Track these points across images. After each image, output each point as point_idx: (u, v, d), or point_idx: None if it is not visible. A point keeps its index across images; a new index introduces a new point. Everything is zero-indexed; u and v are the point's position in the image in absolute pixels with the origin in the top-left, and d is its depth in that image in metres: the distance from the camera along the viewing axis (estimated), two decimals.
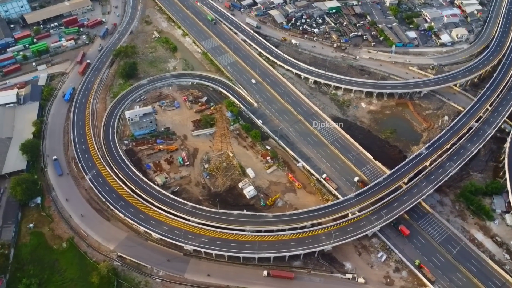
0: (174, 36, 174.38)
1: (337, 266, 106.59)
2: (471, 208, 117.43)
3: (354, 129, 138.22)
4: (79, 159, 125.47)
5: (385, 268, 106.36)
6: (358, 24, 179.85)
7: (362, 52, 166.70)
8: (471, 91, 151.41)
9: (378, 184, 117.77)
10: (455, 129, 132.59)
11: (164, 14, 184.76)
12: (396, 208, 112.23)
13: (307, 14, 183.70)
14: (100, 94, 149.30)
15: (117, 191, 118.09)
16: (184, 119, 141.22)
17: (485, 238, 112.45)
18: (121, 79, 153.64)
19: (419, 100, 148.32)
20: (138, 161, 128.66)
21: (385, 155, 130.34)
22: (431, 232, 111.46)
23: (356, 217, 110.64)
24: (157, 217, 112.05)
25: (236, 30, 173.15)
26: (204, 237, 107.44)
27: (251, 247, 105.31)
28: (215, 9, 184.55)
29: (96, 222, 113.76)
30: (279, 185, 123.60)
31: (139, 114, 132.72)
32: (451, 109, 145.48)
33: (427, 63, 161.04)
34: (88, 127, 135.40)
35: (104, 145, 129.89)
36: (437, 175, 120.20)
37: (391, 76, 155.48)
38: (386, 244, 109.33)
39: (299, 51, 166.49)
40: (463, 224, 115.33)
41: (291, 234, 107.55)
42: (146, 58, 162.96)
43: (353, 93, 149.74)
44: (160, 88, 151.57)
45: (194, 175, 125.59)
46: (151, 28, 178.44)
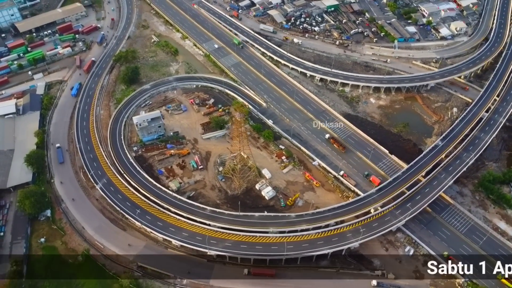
0: (173, 39, 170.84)
1: (365, 263, 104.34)
2: (491, 198, 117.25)
3: (366, 125, 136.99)
4: (88, 168, 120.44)
5: (413, 262, 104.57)
6: (357, 21, 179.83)
7: (365, 48, 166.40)
8: (476, 82, 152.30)
9: (397, 178, 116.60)
10: (466, 120, 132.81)
11: (161, 17, 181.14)
12: (419, 201, 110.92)
13: (306, 13, 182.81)
14: (103, 101, 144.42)
15: (131, 199, 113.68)
16: (192, 123, 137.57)
17: (508, 226, 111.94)
18: (123, 84, 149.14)
19: (426, 93, 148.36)
20: (150, 167, 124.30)
21: (400, 149, 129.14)
22: (454, 224, 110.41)
23: (380, 212, 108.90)
24: (176, 223, 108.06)
25: (236, 32, 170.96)
26: (227, 241, 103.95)
27: (277, 248, 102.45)
28: (213, 11, 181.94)
29: (111, 232, 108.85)
30: (297, 184, 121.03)
31: (147, 119, 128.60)
32: (459, 100, 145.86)
33: (430, 57, 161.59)
34: (94, 135, 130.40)
35: (113, 152, 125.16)
36: (455, 166, 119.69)
37: (396, 71, 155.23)
38: (411, 238, 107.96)
39: (303, 50, 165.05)
40: (485, 214, 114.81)
41: (316, 233, 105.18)
42: (147, 63, 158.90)
43: (360, 89, 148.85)
44: (164, 92, 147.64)
45: (208, 179, 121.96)
46: (149, 32, 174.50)
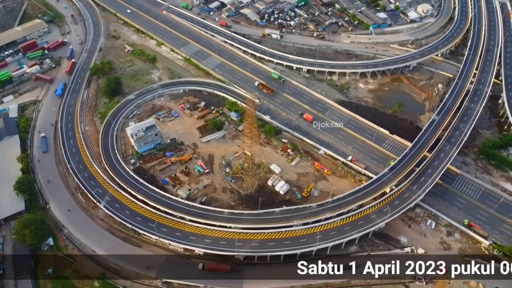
0: (148, 47, 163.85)
1: (393, 242, 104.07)
2: (493, 163, 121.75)
3: (361, 109, 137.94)
4: (86, 188, 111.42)
5: (438, 235, 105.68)
6: (329, 12, 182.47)
7: (342, 37, 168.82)
8: (452, 58, 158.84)
9: (406, 156, 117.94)
10: (455, 93, 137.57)
11: (131, 26, 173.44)
12: (431, 174, 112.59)
13: (278, 9, 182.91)
14: (86, 117, 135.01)
15: (141, 213, 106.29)
16: (188, 127, 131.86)
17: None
18: (105, 97, 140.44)
19: (410, 74, 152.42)
20: (152, 178, 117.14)
21: (398, 128, 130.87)
22: (467, 192, 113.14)
23: (399, 189, 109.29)
24: (195, 231, 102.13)
25: (212, 33, 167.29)
26: (253, 241, 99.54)
27: (305, 240, 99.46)
28: (183, 16, 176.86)
29: (126, 251, 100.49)
30: (308, 175, 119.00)
31: (142, 128, 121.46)
32: (441, 77, 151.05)
33: (405, 39, 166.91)
34: (85, 153, 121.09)
35: (110, 168, 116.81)
36: (456, 137, 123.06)
37: (377, 55, 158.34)
38: (431, 211, 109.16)
39: (283, 45, 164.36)
40: (491, 178, 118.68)
41: (341, 220, 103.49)
42: (126, 73, 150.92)
43: (348, 76, 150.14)
44: (151, 101, 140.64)
45: (217, 182, 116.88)
46: (121, 42, 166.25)
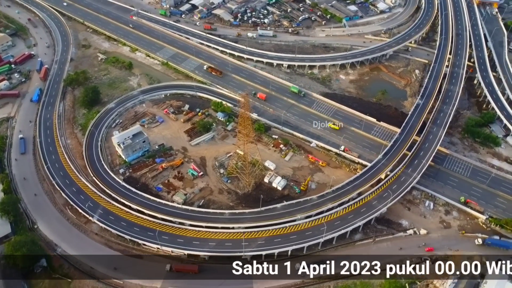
0: (122, 54, 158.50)
1: (395, 226, 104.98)
2: (478, 141, 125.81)
3: (346, 100, 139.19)
4: (75, 203, 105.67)
5: (437, 214, 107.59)
6: (301, 8, 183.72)
7: (317, 31, 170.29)
8: (424, 45, 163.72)
9: (397, 141, 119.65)
10: (433, 77, 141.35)
11: (101, 34, 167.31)
12: (424, 156, 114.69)
13: (251, 8, 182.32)
14: (66, 130, 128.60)
15: (138, 223, 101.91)
16: (175, 132, 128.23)
17: (500, 162, 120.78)
18: (83, 108, 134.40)
19: (387, 62, 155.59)
20: (145, 186, 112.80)
21: (385, 115, 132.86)
22: (458, 170, 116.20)
23: (395, 173, 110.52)
24: (198, 236, 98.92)
25: (187, 35, 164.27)
26: (259, 239, 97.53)
27: (311, 233, 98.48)
28: (155, 20, 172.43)
29: (127, 264, 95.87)
30: (303, 169, 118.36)
31: (129, 136, 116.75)
32: (417, 63, 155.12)
33: (377, 30, 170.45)
34: (69, 167, 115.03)
35: (99, 180, 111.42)
36: (441, 118, 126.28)
37: (354, 47, 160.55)
38: (427, 192, 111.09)
39: (260, 42, 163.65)
40: (478, 156, 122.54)
41: (343, 209, 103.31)
42: (102, 82, 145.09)
43: (328, 69, 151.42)
44: (132, 108, 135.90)
45: (213, 184, 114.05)
46: (92, 51, 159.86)
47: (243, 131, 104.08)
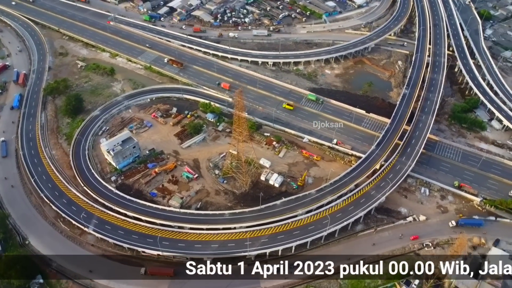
0: (102, 60, 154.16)
1: (395, 214, 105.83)
2: (464, 126, 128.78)
3: (334, 94, 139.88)
4: (68, 215, 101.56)
5: (433, 200, 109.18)
6: (280, 6, 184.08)
7: (298, 28, 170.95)
8: (404, 36, 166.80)
9: (388, 131, 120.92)
10: (417, 67, 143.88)
11: (78, 41, 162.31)
12: (416, 145, 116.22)
13: (230, 8, 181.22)
14: (50, 140, 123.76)
15: (136, 231, 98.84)
16: (164, 135, 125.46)
17: (488, 145, 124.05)
18: (67, 117, 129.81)
19: (370, 55, 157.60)
20: (139, 193, 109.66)
21: (373, 107, 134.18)
22: (448, 156, 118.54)
23: (390, 162, 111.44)
24: (199, 239, 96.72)
25: (168, 38, 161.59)
26: (262, 238, 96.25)
27: (314, 227, 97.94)
28: (134, 24, 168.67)
29: (127, 273, 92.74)
30: (298, 164, 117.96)
31: (118, 142, 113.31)
32: (399, 54, 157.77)
33: (357, 24, 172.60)
34: (58, 178, 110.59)
35: (91, 190, 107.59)
36: (428, 106, 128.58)
37: (335, 42, 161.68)
38: (422, 179, 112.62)
39: (242, 41, 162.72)
40: (466, 140, 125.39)
41: (343, 201, 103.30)
42: (84, 89, 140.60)
43: (313, 64, 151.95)
44: (118, 114, 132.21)
45: (209, 185, 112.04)
46: (70, 59, 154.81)
47: (238, 129, 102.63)
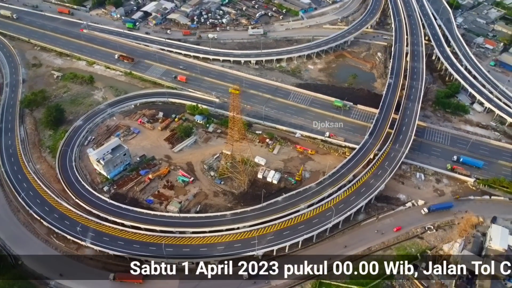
0: (78, 68, 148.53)
1: (394, 201, 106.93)
2: (448, 111, 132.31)
3: (320, 88, 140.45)
4: (62, 230, 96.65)
5: (429, 184, 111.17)
6: (256, 5, 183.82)
7: (276, 26, 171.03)
8: (380, 28, 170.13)
9: (378, 120, 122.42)
10: (397, 57, 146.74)
11: (51, 51, 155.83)
12: (407, 132, 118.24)
13: (205, 9, 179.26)
14: (33, 155, 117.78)
15: (137, 240, 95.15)
16: (154, 141, 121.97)
17: (473, 128, 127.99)
18: (48, 129, 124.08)
19: (350, 48, 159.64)
20: (134, 201, 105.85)
21: (359, 98, 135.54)
22: (438, 140, 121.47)
23: (385, 150, 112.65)
24: (204, 242, 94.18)
25: (145, 43, 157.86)
26: (268, 235, 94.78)
27: (318, 220, 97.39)
28: (108, 31, 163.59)
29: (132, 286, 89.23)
30: (293, 159, 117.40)
31: (108, 150, 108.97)
32: (377, 46, 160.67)
33: (334, 19, 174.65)
34: (46, 193, 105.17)
35: (84, 202, 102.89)
36: (414, 94, 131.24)
37: (315, 37, 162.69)
38: (415, 165, 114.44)
39: (222, 42, 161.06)
40: (452, 124, 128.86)
41: (344, 192, 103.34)
42: (64, 99, 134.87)
43: (295, 60, 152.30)
44: (103, 122, 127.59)
45: (206, 188, 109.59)
46: (45, 69, 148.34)
47: (235, 128, 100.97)
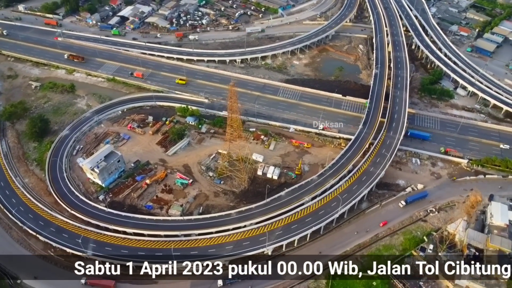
0: (57, 77, 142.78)
1: (394, 187, 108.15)
2: (434, 97, 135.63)
3: (307, 83, 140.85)
4: (62, 243, 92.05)
5: (426, 168, 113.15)
6: (234, 5, 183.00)
7: (256, 25, 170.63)
8: (358, 22, 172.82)
9: (370, 109, 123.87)
10: (379, 48, 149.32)
11: (26, 61, 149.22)
12: (399, 119, 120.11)
13: (183, 11, 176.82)
14: (20, 168, 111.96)
15: (142, 247, 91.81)
16: (146, 146, 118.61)
17: (460, 111, 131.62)
18: (32, 141, 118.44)
19: (332, 42, 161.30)
20: (133, 208, 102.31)
21: (347, 90, 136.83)
22: (428, 125, 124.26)
23: (380, 139, 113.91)
24: (212, 243, 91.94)
25: (125, 48, 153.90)
26: (276, 230, 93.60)
27: (324, 212, 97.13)
28: (85, 38, 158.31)
29: None
30: (290, 154, 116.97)
31: (101, 158, 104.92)
32: (358, 39, 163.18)
33: (313, 15, 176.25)
34: (38, 208, 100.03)
35: (80, 213, 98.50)
36: (400, 82, 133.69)
37: (296, 34, 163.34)
38: (410, 151, 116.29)
39: (204, 43, 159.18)
40: (440, 109, 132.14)
41: (346, 182, 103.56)
42: (45, 110, 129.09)
43: (280, 57, 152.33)
44: (90, 131, 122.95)
45: (206, 189, 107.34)
46: (21, 80, 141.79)
47: (234, 125, 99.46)
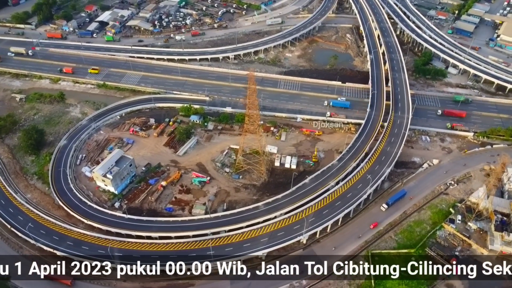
0: (42, 87, 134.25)
1: (411, 165, 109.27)
2: (428, 77, 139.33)
3: (304, 73, 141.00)
4: (83, 257, 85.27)
5: (436, 144, 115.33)
6: (215, 4, 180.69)
7: (241, 22, 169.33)
8: (342, 12, 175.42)
9: (373, 94, 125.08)
10: (369, 35, 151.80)
11: (5, 74, 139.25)
12: (404, 100, 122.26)
13: (165, 13, 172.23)
14: (19, 184, 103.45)
15: (171, 250, 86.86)
16: (153, 148, 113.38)
17: (454, 89, 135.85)
18: (28, 154, 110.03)
19: (320, 33, 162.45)
20: (153, 212, 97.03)
21: (345, 77, 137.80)
22: (429, 104, 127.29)
23: (390, 119, 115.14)
24: (246, 237, 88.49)
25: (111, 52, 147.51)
26: (308, 217, 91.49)
27: (351, 194, 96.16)
28: (65, 46, 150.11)
29: None
30: (303, 143, 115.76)
31: (112, 164, 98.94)
32: (344, 28, 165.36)
33: (295, 9, 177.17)
34: (49, 222, 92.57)
35: (99, 223, 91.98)
36: (397, 65, 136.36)
37: (283, 27, 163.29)
38: (418, 129, 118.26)
39: (192, 43, 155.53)
40: (436, 88, 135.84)
41: (366, 163, 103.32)
42: (36, 121, 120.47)
43: (272, 51, 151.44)
44: (90, 138, 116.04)
45: (225, 185, 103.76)
46: (3, 94, 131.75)
47: (253, 117, 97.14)
